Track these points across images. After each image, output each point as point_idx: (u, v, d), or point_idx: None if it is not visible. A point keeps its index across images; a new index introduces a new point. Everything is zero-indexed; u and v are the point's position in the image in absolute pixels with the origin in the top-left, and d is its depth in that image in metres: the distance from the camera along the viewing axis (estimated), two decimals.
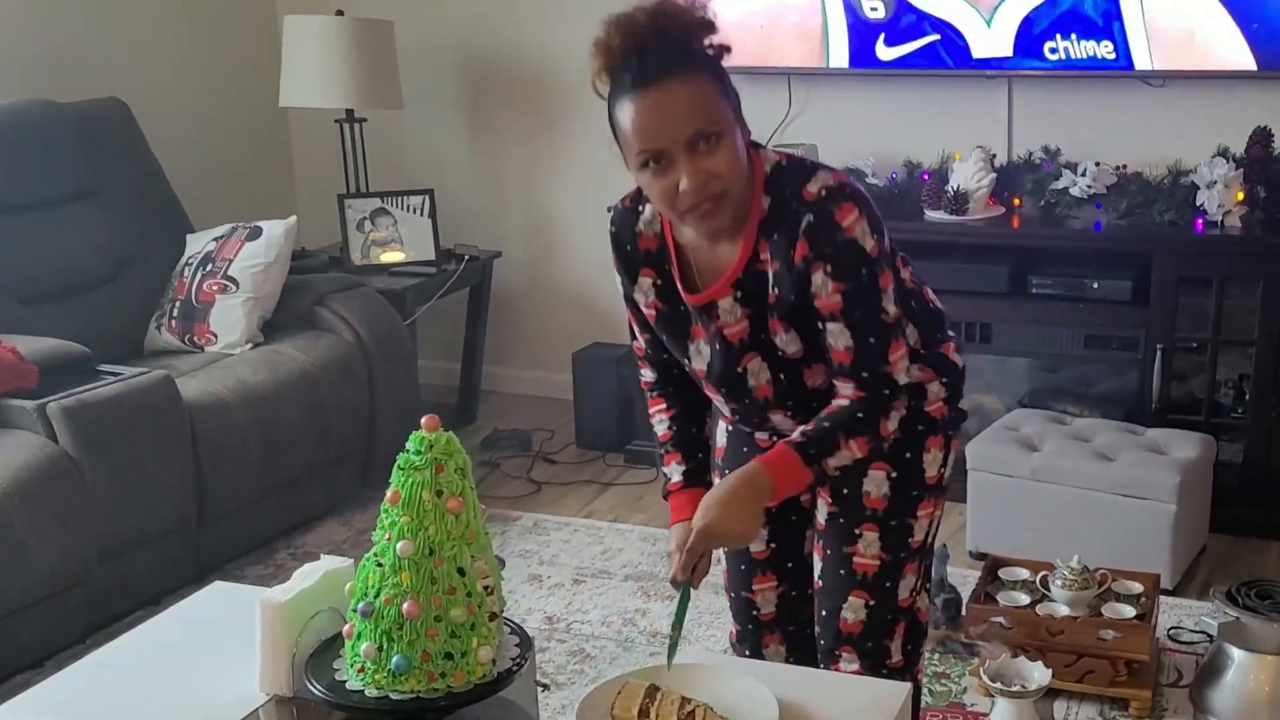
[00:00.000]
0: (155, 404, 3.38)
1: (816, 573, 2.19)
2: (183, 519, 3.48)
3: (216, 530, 3.61)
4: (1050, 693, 2.75)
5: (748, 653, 2.34)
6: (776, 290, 1.94)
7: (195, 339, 3.97)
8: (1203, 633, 3.18)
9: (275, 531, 3.90)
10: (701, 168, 1.85)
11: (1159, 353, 3.78)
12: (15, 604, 3.08)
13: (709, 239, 1.99)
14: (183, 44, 4.82)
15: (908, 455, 2.12)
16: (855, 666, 2.16)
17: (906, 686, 2.05)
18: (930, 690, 3.03)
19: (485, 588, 2.00)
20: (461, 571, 1.94)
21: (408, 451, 1.99)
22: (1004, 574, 3.14)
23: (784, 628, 2.31)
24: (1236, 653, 2.76)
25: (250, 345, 3.95)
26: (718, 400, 2.15)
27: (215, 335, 3.95)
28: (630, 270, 2.08)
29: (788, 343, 1.98)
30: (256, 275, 3.98)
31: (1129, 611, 2.95)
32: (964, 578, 3.46)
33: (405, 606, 1.90)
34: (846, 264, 1.89)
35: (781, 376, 2.03)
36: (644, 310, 2.10)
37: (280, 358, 3.89)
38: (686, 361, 2.11)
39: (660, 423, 2.21)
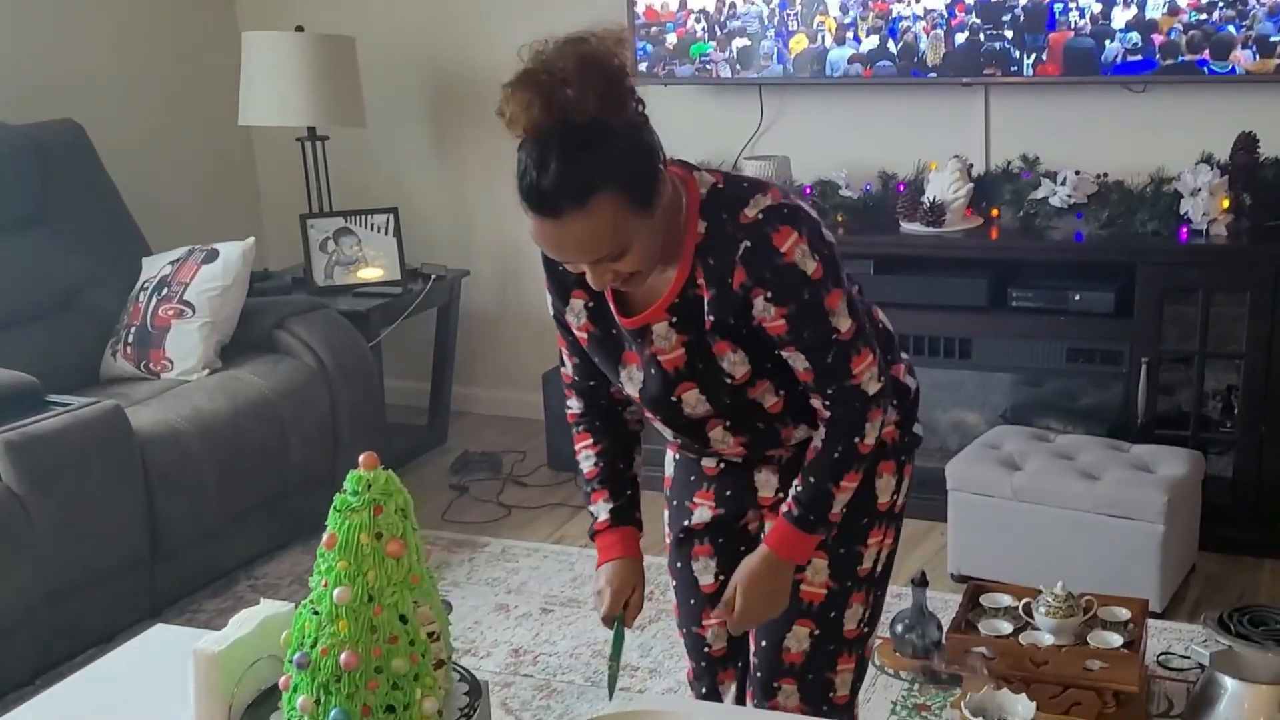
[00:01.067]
0: (104, 436, 3.26)
1: None
2: (135, 555, 3.35)
3: (172, 564, 3.48)
4: None
5: (704, 690, 2.26)
6: (712, 317, 1.87)
7: (151, 366, 3.85)
8: (1191, 658, 3.07)
9: (235, 563, 3.78)
10: (606, 268, 1.80)
11: (1144, 366, 3.68)
12: None
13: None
14: (139, 63, 4.70)
15: None
16: (795, 701, 2.09)
17: None
18: None
19: (430, 634, 1.89)
20: (403, 619, 1.83)
21: (344, 492, 1.89)
22: (986, 600, 3.03)
23: (736, 664, 2.22)
24: (1230, 683, 2.65)
25: (208, 371, 3.82)
26: (655, 423, 2.07)
27: (171, 362, 3.82)
28: (562, 291, 2.00)
29: (735, 364, 1.90)
30: (214, 299, 3.86)
31: (1116, 640, 2.84)
32: (945, 603, 3.35)
33: (343, 657, 1.79)
34: (786, 288, 1.82)
35: (726, 400, 1.95)
36: (575, 333, 2.02)
37: (238, 384, 3.77)
38: (620, 386, 2.03)
39: (586, 458, 2.13)
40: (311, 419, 3.88)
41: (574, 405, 2.14)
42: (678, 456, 2.18)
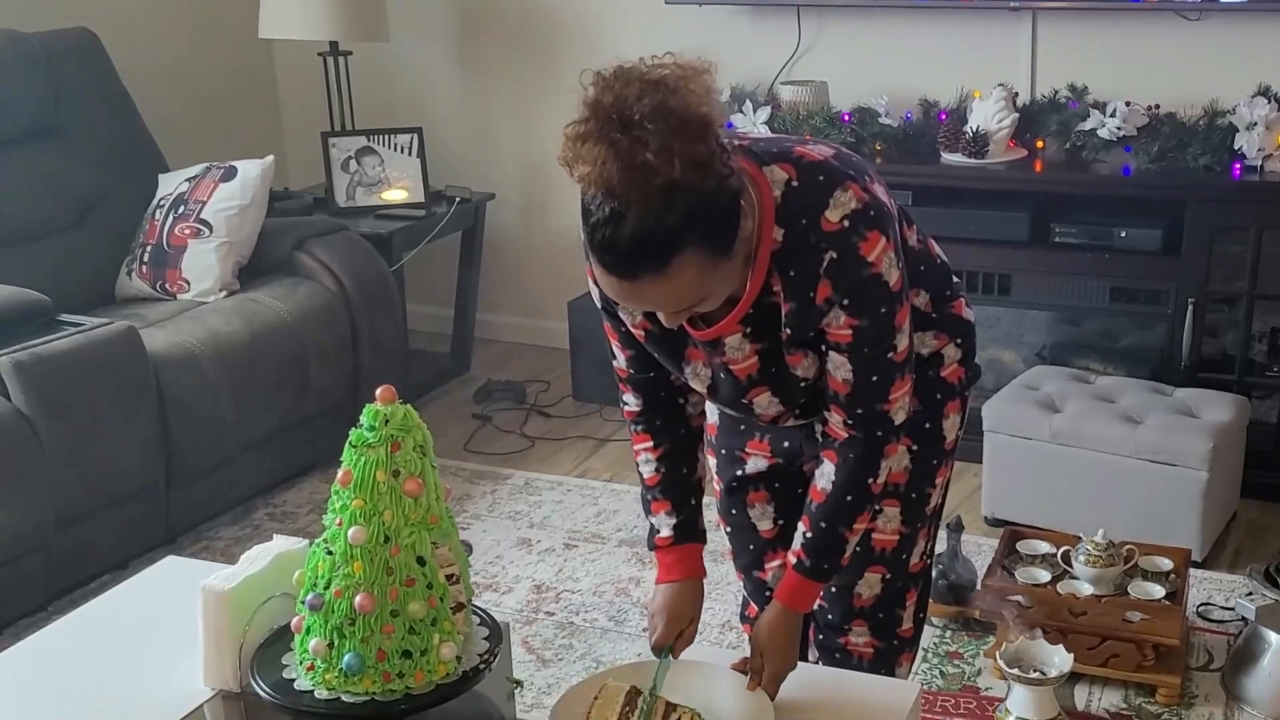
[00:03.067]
0: (117, 358, 3.17)
1: None
2: (149, 480, 3.27)
3: (187, 491, 3.41)
4: (1071, 677, 2.58)
5: None
6: (790, 330, 1.75)
7: (167, 286, 3.75)
8: (1234, 610, 2.97)
9: (253, 490, 3.71)
10: (682, 314, 1.69)
11: (1190, 307, 3.55)
12: None
13: None
14: None
15: (927, 426, 2.01)
16: (866, 638, 2.10)
17: (915, 688, 1.93)
18: (942, 672, 2.84)
19: (449, 577, 1.81)
20: (421, 561, 1.75)
21: (360, 427, 1.80)
22: (1022, 547, 2.93)
23: None
24: (1274, 637, 2.57)
25: (225, 293, 3.73)
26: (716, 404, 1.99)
27: (188, 282, 3.73)
28: None
29: (809, 367, 1.80)
30: (231, 218, 3.76)
31: (1157, 591, 2.75)
32: (979, 546, 3.27)
33: (358, 600, 1.72)
34: (866, 300, 1.70)
35: (800, 400, 1.86)
36: (631, 329, 1.86)
37: (256, 306, 3.67)
38: (683, 380, 1.90)
39: (646, 463, 1.97)
40: (331, 344, 3.79)
41: (631, 402, 1.97)
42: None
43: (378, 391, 1.79)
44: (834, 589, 2.07)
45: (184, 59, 4.62)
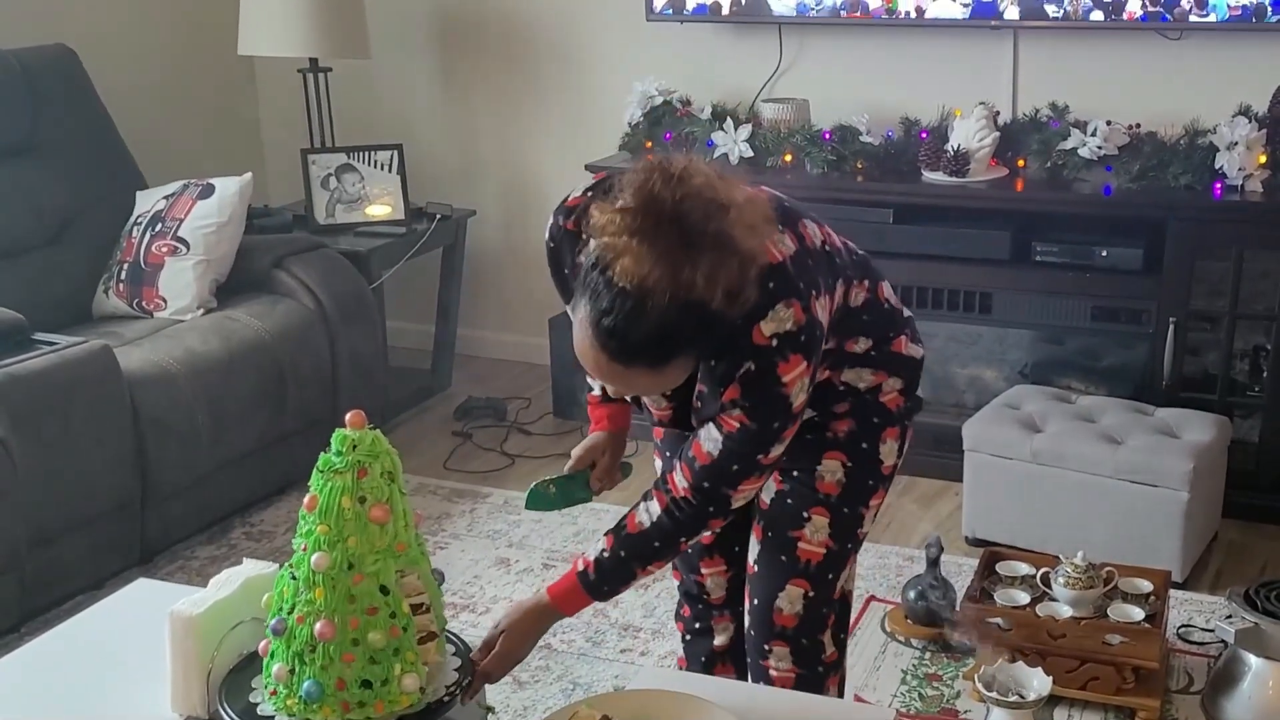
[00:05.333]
0: (91, 377, 3.14)
1: (752, 556, 2.09)
2: (124, 499, 3.24)
3: (163, 510, 3.38)
4: (1051, 700, 2.56)
5: (698, 626, 2.28)
6: (699, 404, 1.84)
7: (144, 304, 3.73)
8: (1213, 632, 2.95)
9: (230, 508, 3.68)
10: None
11: (1171, 326, 3.54)
12: None
13: None
14: None
15: (864, 446, 2.05)
16: (788, 664, 2.09)
17: (890, 714, 1.90)
18: (920, 695, 2.82)
19: (416, 606, 1.78)
20: (385, 589, 1.74)
21: (328, 451, 1.78)
22: (1002, 569, 2.91)
23: (734, 609, 2.22)
24: (1254, 660, 2.55)
25: (202, 311, 3.71)
26: None
27: (165, 300, 3.71)
28: (568, 293, 1.90)
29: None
30: (209, 236, 3.74)
31: (1137, 613, 2.73)
32: (959, 567, 3.25)
33: (318, 627, 1.71)
34: (766, 411, 1.78)
35: None
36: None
37: (233, 324, 3.65)
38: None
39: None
40: (309, 363, 3.77)
41: None
42: None
43: (347, 416, 1.78)
44: (755, 602, 2.08)
45: (163, 76, 4.60)
